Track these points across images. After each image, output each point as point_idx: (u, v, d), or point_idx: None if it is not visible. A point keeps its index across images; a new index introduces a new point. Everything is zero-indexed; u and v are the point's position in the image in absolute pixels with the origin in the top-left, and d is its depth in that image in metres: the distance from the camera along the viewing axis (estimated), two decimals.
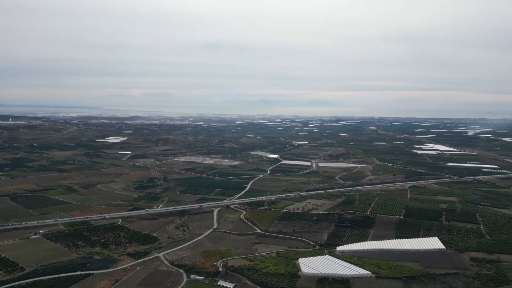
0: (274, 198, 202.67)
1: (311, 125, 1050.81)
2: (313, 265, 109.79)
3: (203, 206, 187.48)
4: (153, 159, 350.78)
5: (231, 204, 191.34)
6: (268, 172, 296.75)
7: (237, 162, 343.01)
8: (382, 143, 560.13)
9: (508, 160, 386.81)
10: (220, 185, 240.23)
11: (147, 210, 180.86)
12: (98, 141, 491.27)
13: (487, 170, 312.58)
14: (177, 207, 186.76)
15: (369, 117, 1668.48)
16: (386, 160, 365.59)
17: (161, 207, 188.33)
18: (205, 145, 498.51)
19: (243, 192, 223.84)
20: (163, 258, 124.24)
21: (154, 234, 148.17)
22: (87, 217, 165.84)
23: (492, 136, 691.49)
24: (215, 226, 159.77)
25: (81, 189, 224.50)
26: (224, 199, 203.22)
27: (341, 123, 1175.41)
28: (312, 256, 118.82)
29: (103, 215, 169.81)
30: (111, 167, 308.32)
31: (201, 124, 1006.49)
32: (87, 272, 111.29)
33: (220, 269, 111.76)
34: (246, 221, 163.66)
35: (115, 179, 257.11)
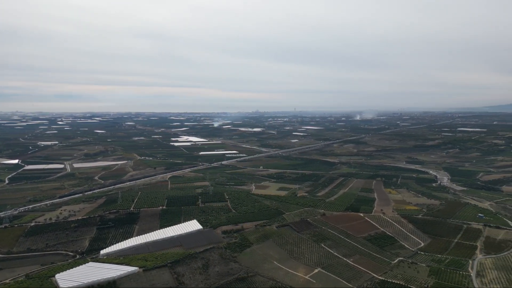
0: (17, 212, 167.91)
1: (60, 123, 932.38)
2: (73, 277, 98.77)
3: None
4: None
5: None
6: (6, 181, 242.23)
7: None
8: (141, 138, 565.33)
9: (244, 145, 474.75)
10: None
11: None
12: None
13: (230, 155, 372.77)
14: None
15: (126, 113, 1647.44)
16: (146, 154, 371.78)
17: None
18: None
19: None
20: None
21: None
22: None
23: (231, 127, 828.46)
24: None
25: None
26: None
27: (96, 119, 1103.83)
28: (72, 267, 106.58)
29: None
30: None
31: None
32: None
33: None
34: None
35: None
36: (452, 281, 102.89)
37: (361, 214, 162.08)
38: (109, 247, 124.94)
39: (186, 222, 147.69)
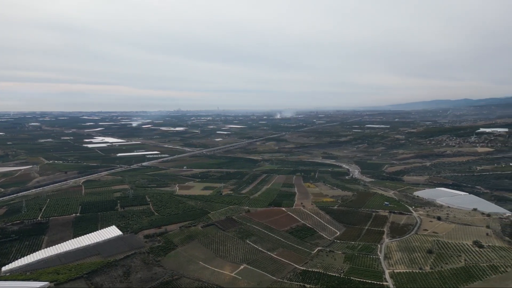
0: None
1: None
2: None
3: None
4: None
5: None
6: None
7: None
8: (48, 140, 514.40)
9: (166, 145, 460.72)
10: None
11: None
12: None
13: (151, 156, 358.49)
14: None
15: (30, 112, 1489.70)
16: (55, 158, 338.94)
17: None
18: None
19: None
20: None
21: None
22: None
23: (152, 126, 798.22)
24: None
25: None
26: None
27: None
28: None
29: None
30: None
31: None
32: None
33: None
34: None
35: None
36: (364, 265, 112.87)
37: (284, 209, 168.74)
38: (13, 263, 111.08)
39: (104, 229, 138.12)
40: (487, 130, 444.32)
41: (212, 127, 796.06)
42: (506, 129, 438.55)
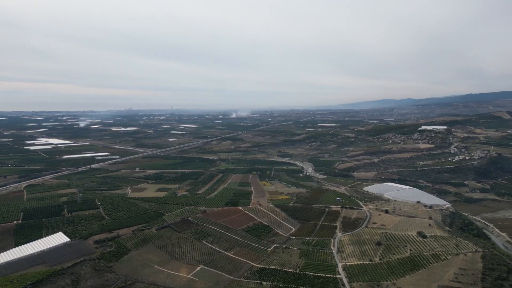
0: None
1: None
2: None
3: None
4: None
5: None
6: None
7: None
8: None
9: (117, 146, 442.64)
10: None
11: None
12: None
13: (100, 157, 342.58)
14: None
15: None
16: None
17: None
18: None
19: None
20: None
21: None
22: None
23: (101, 127, 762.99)
24: None
25: None
26: None
27: None
28: None
29: None
30: None
31: None
32: None
33: None
34: None
35: None
36: (319, 260, 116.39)
37: (240, 208, 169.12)
38: None
39: (50, 236, 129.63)
40: (428, 127, 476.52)
41: (165, 126, 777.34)
42: (445, 127, 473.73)
